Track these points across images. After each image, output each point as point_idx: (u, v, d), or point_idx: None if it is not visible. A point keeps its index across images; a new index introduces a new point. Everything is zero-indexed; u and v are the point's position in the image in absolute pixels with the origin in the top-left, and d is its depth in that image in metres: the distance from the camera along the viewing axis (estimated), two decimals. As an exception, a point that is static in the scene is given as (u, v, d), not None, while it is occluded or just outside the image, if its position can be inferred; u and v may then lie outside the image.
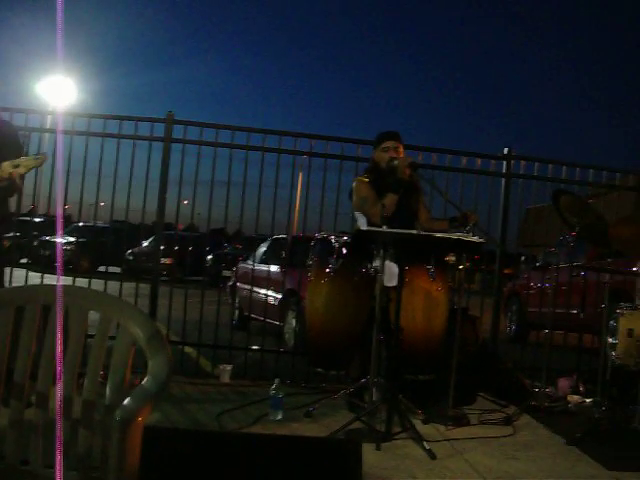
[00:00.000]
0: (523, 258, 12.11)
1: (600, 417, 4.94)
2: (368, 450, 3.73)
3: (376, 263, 4.64)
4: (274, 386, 4.62)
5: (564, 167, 6.68)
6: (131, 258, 17.24)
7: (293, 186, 6.29)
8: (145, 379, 2.08)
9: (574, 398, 5.48)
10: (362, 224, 5.01)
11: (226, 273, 13.20)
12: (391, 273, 4.62)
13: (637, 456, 4.22)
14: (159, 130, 6.05)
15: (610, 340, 5.07)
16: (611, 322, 5.12)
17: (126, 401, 1.95)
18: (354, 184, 5.13)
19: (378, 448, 3.92)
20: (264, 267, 9.34)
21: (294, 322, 7.93)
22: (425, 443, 4.02)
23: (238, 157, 6.19)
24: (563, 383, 5.76)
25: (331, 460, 2.57)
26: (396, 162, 4.88)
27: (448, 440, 4.30)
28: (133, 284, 6.12)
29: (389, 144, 5.04)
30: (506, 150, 6.52)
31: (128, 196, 6.20)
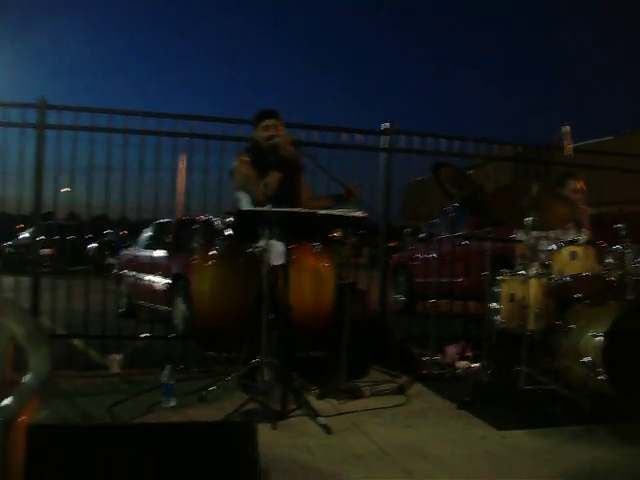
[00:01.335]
0: (407, 230, 12.34)
1: (487, 380, 5.12)
2: (264, 430, 3.72)
3: (261, 243, 4.62)
4: (165, 373, 4.54)
5: (443, 140, 6.82)
6: (12, 250, 16.57)
7: (175, 169, 6.18)
8: (26, 376, 1.99)
9: (462, 364, 5.65)
10: (244, 204, 4.97)
11: (111, 260, 12.88)
12: (277, 252, 4.61)
13: (523, 415, 4.41)
14: (32, 116, 5.80)
15: (493, 305, 5.24)
16: (494, 288, 5.29)
17: (6, 401, 1.86)
18: (235, 163, 5.08)
19: (274, 427, 3.92)
20: (149, 252, 9.18)
21: (183, 307, 7.82)
22: (321, 418, 4.05)
23: (118, 141, 6.01)
24: (451, 350, 5.93)
25: (227, 443, 2.54)
26: (277, 140, 4.86)
27: (343, 414, 4.35)
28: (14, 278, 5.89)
29: (269, 122, 5.00)
30: (386, 125, 6.59)
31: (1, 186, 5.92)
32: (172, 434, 2.57)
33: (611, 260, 4.83)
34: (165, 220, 8.83)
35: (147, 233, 10.15)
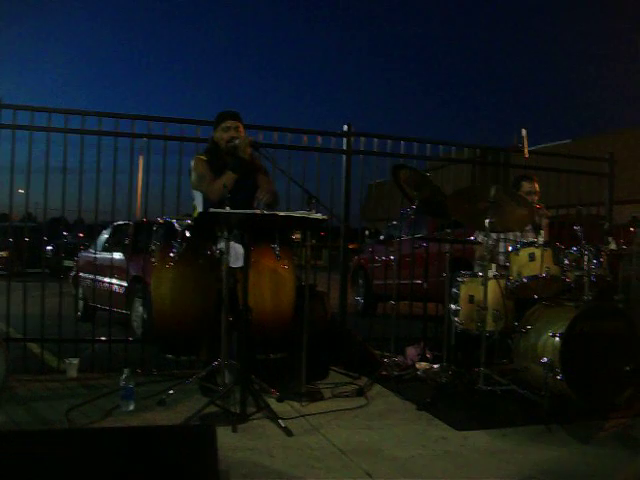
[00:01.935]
0: (367, 232, 12.39)
1: (447, 381, 5.16)
2: (224, 433, 3.70)
3: (221, 245, 4.60)
4: (124, 376, 4.49)
5: (402, 142, 6.85)
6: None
7: (133, 170, 6.10)
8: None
9: (422, 365, 5.67)
10: (198, 203, 4.95)
11: (68, 263, 12.69)
12: (236, 254, 4.60)
13: (482, 415, 4.45)
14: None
15: (453, 307, 5.29)
16: (453, 290, 5.34)
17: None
18: (192, 162, 5.05)
19: (234, 430, 3.89)
20: (107, 255, 9.07)
21: (141, 309, 7.74)
22: (281, 421, 4.04)
23: (74, 142, 5.91)
24: (411, 351, 5.96)
25: (186, 447, 2.51)
26: (237, 141, 4.84)
27: (304, 416, 4.34)
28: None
29: (229, 124, 4.98)
30: (346, 127, 6.60)
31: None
32: (131, 439, 2.53)
33: (568, 262, 4.90)
34: (123, 222, 8.74)
35: (105, 235, 10.03)
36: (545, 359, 4.47)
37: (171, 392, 4.58)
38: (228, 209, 4.26)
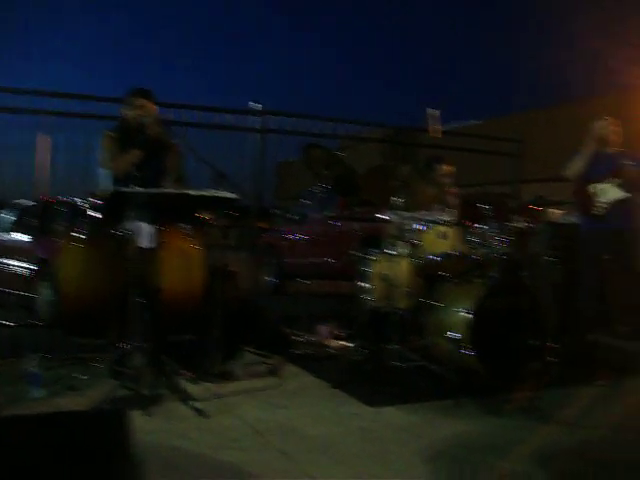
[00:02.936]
0: (278, 212, 12.36)
1: (360, 359, 5.21)
2: (137, 417, 3.64)
3: (129, 225, 4.49)
4: (32, 362, 4.35)
5: (315, 121, 6.86)
6: None
7: (37, 148, 5.90)
8: None
9: (334, 343, 5.72)
10: (106, 181, 4.83)
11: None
12: (146, 234, 4.50)
13: (395, 391, 4.52)
14: None
15: (364, 285, 5.32)
16: (364, 268, 5.37)
17: None
18: (101, 139, 4.92)
19: (147, 413, 3.82)
20: (11, 236, 8.79)
21: (48, 292, 7.53)
22: (195, 403, 4.00)
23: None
24: (323, 330, 5.98)
25: (98, 432, 2.45)
26: (145, 119, 4.74)
27: (218, 397, 4.31)
28: None
29: (138, 101, 4.86)
30: (258, 105, 6.55)
31: None
32: (41, 426, 2.46)
33: (477, 240, 5.01)
34: (28, 202, 8.47)
35: (9, 216, 9.71)
36: (454, 335, 4.56)
37: (81, 377, 4.47)
38: (136, 188, 4.17)
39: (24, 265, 8.00)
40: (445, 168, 6.12)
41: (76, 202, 4.77)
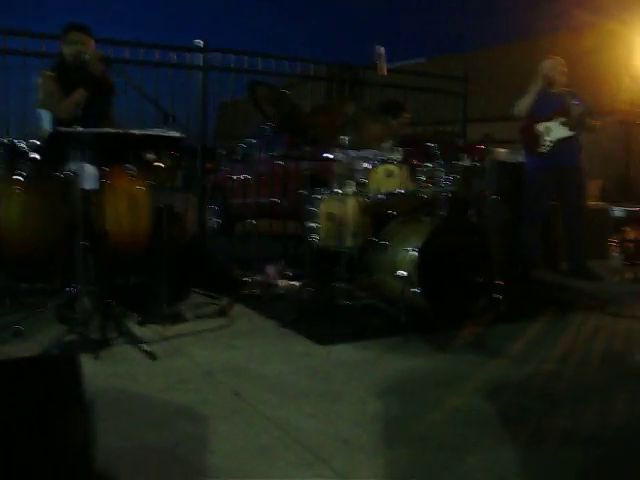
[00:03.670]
0: (223, 152, 12.19)
1: (309, 298, 5.24)
2: (86, 361, 3.59)
3: (73, 166, 4.38)
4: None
5: (260, 58, 6.74)
6: None
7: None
8: None
9: (283, 283, 5.73)
10: (45, 122, 4.69)
11: None
12: (90, 176, 4.39)
13: (344, 329, 4.57)
14: None
15: (312, 224, 5.31)
16: (311, 207, 5.35)
17: None
18: (38, 79, 4.75)
19: (96, 357, 3.78)
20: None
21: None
22: (144, 345, 3.97)
23: None
24: (271, 270, 5.99)
25: (48, 378, 2.41)
26: (86, 56, 4.58)
27: (166, 339, 4.29)
28: None
29: (76, 37, 4.70)
30: (201, 42, 6.41)
31: None
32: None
33: (424, 178, 5.02)
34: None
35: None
36: (403, 273, 4.60)
37: (27, 322, 4.38)
38: (79, 128, 4.06)
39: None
40: (405, 115, 6.16)
41: (14, 143, 4.60)
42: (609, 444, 2.83)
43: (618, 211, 7.88)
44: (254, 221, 5.74)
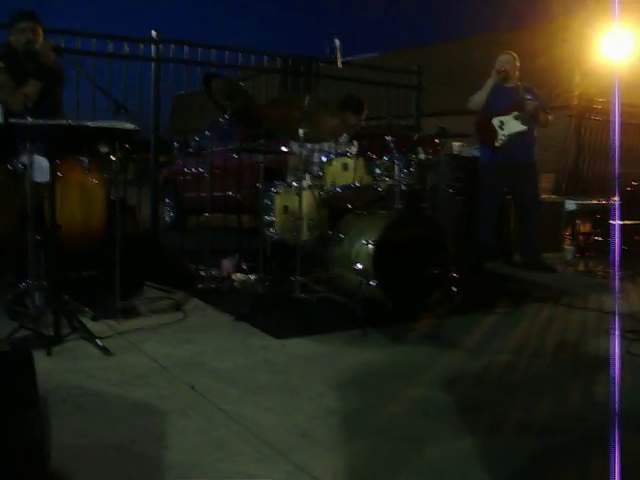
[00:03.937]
0: (176, 144, 12.06)
1: (264, 291, 5.22)
2: (39, 357, 3.51)
3: (23, 158, 4.29)
4: None
5: (214, 51, 6.69)
6: None
7: None
8: None
9: (238, 276, 5.70)
10: None
11: None
12: (41, 168, 4.30)
13: (300, 323, 4.56)
14: None
15: (267, 218, 5.29)
16: (267, 201, 5.33)
17: None
18: None
19: (49, 353, 3.71)
20: None
21: None
22: (98, 340, 3.91)
23: None
24: (226, 263, 5.95)
25: (1, 375, 2.36)
26: (37, 45, 4.48)
27: (121, 334, 4.23)
28: None
29: (25, 25, 4.58)
30: (154, 33, 6.33)
31: None
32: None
33: (380, 171, 5.03)
34: None
35: None
36: (359, 266, 4.61)
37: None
38: (30, 119, 3.97)
39: None
40: (365, 112, 6.22)
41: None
42: (563, 433, 2.87)
43: (571, 205, 8.01)
44: (207, 214, 5.70)
